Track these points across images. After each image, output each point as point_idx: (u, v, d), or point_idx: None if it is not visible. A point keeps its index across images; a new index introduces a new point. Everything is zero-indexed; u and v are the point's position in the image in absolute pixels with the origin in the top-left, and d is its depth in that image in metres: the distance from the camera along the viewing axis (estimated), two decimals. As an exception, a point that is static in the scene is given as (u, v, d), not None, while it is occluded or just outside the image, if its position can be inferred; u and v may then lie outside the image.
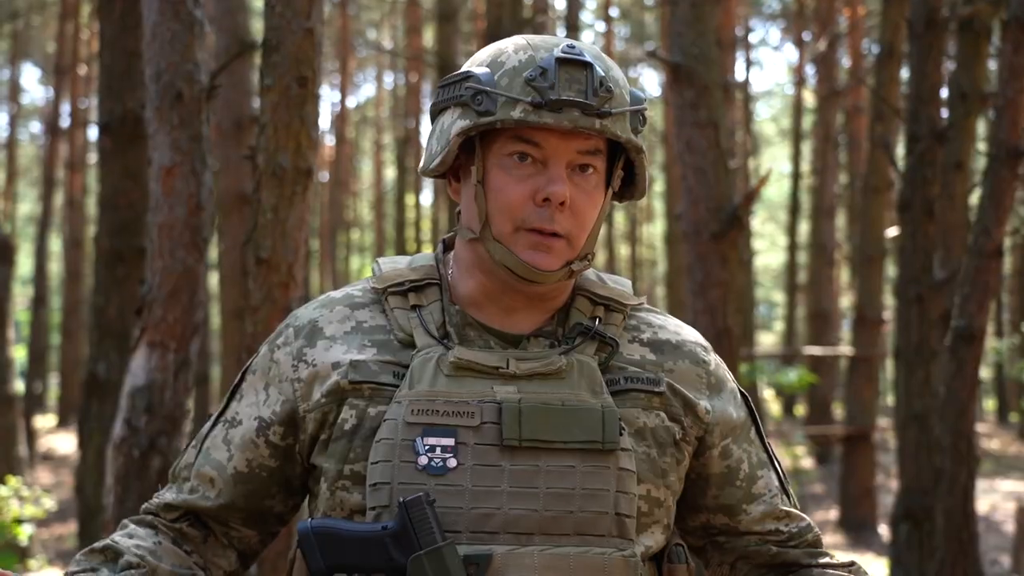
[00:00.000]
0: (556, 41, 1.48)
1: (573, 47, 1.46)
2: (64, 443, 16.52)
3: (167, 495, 1.60)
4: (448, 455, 1.43)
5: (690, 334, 1.63)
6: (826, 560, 1.63)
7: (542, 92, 1.43)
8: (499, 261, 1.49)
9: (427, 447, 1.43)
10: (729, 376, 1.64)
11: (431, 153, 1.53)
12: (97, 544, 1.53)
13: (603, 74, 1.45)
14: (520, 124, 1.44)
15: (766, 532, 1.62)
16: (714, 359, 1.62)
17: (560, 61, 1.44)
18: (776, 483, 1.63)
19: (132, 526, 1.58)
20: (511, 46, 1.50)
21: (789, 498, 1.65)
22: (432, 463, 1.43)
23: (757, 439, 1.64)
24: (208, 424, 1.62)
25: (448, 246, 1.64)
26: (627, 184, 1.59)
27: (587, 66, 1.44)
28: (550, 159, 1.47)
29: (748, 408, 1.64)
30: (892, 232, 10.17)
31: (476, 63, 1.52)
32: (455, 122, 1.48)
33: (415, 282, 1.57)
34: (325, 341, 1.54)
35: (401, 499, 1.40)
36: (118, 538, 1.54)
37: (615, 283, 1.63)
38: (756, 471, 1.61)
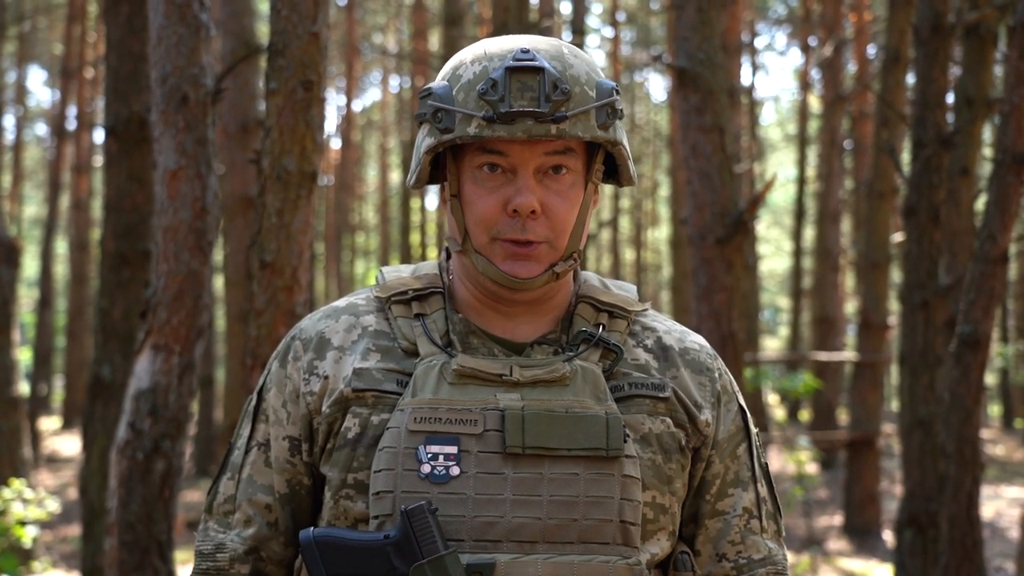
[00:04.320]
0: (512, 47, 1.46)
1: (526, 52, 1.44)
2: (68, 445, 16.53)
3: (228, 541, 1.56)
4: (451, 463, 1.43)
5: (696, 341, 1.62)
6: None
7: (494, 105, 1.42)
8: (482, 271, 1.50)
9: (430, 455, 1.43)
10: (733, 386, 1.62)
11: (411, 169, 1.55)
12: None
13: (558, 75, 1.43)
14: (477, 139, 1.43)
15: (715, 555, 1.57)
16: (719, 367, 1.61)
17: (511, 70, 1.42)
18: (748, 503, 1.58)
19: None
20: (470, 56, 1.49)
21: (762, 521, 1.59)
22: (435, 471, 1.42)
23: (745, 455, 1.59)
24: (239, 452, 1.59)
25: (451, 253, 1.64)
26: (613, 172, 1.58)
27: (539, 71, 1.42)
28: (517, 167, 1.46)
29: (744, 423, 1.61)
30: (897, 238, 10.16)
31: (441, 75, 1.52)
32: (424, 139, 1.49)
33: (418, 291, 1.57)
34: (334, 352, 1.54)
35: (403, 508, 1.39)
36: None
37: (619, 289, 1.62)
38: (728, 488, 1.58)
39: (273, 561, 1.56)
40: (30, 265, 27.86)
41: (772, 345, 32.38)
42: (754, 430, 1.63)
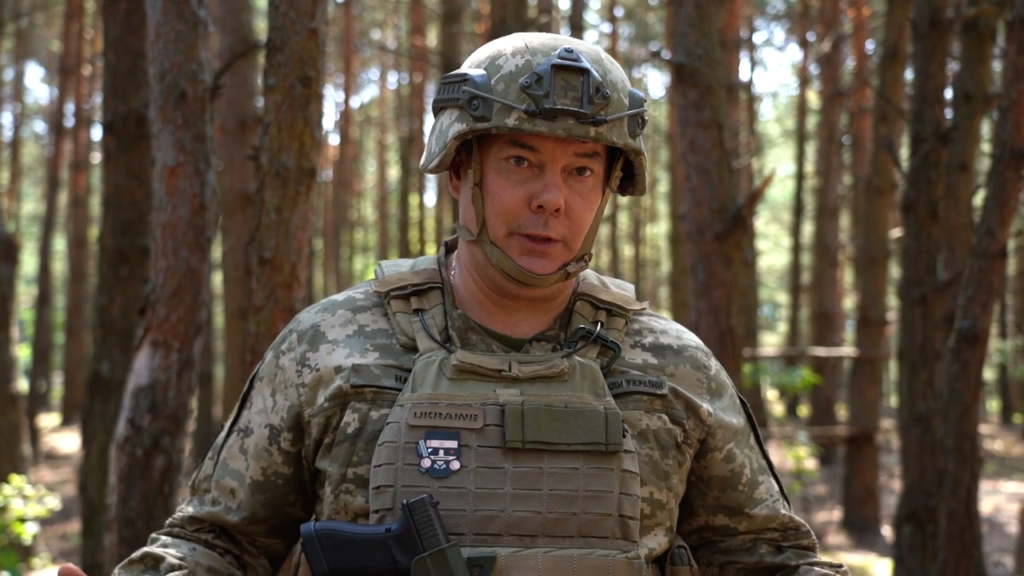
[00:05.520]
0: (554, 44, 1.47)
1: (571, 52, 1.44)
2: (68, 442, 16.53)
3: (190, 508, 1.61)
4: (451, 457, 1.43)
5: (691, 339, 1.64)
6: (814, 559, 1.64)
7: (537, 100, 1.42)
8: (495, 264, 1.49)
9: (430, 450, 1.43)
10: (729, 381, 1.65)
11: (431, 152, 1.53)
12: (134, 555, 1.54)
13: (600, 79, 1.44)
14: (515, 131, 1.44)
15: (764, 536, 1.64)
16: (714, 364, 1.63)
17: (556, 68, 1.43)
18: (776, 489, 1.65)
19: (162, 538, 1.58)
20: (509, 48, 1.49)
21: (788, 504, 1.67)
22: (435, 465, 1.43)
23: (756, 445, 1.65)
24: (223, 434, 1.62)
25: (450, 248, 1.64)
26: (627, 181, 1.59)
27: (583, 72, 1.43)
28: (546, 163, 1.46)
29: (747, 414, 1.65)
30: (896, 233, 10.17)
31: (475, 63, 1.51)
32: (452, 124, 1.48)
33: (417, 286, 1.57)
34: (328, 345, 1.54)
35: (404, 501, 1.40)
36: (154, 548, 1.55)
37: (618, 287, 1.64)
38: (758, 476, 1.63)
39: (232, 533, 1.60)
40: (29, 262, 27.86)
41: (771, 341, 32.39)
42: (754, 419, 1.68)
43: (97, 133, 18.97)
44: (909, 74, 8.53)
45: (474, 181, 1.50)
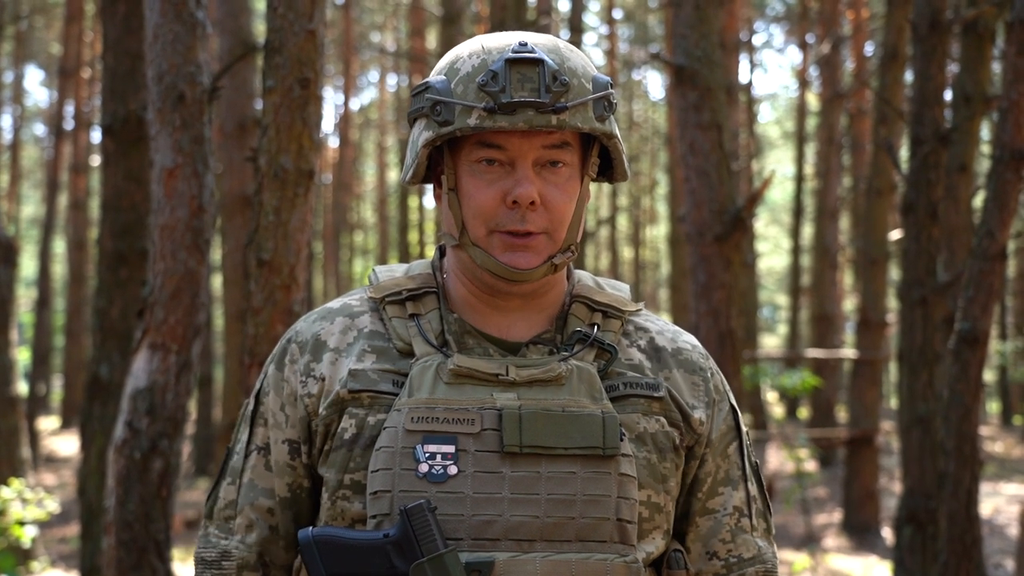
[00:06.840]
0: (509, 40, 1.48)
1: (524, 44, 1.45)
2: (67, 445, 16.53)
3: (233, 549, 1.54)
4: (448, 462, 1.42)
5: (687, 342, 1.62)
6: None
7: (494, 96, 1.42)
8: (481, 264, 1.49)
9: (427, 454, 1.42)
10: (724, 385, 1.62)
11: (407, 164, 1.54)
12: None
13: (556, 67, 1.44)
14: (477, 131, 1.44)
15: (705, 553, 1.57)
16: (711, 367, 1.62)
17: (510, 62, 1.43)
18: (738, 502, 1.58)
19: None
20: (466, 51, 1.50)
21: (752, 520, 1.59)
22: (433, 470, 1.42)
23: (735, 454, 1.60)
24: (239, 456, 1.58)
25: (445, 252, 1.63)
26: (607, 168, 1.59)
27: (539, 63, 1.43)
28: (516, 159, 1.47)
29: (735, 422, 1.61)
30: (896, 235, 10.16)
31: (436, 71, 1.52)
32: (421, 134, 1.49)
33: (412, 291, 1.56)
34: (330, 353, 1.54)
35: (402, 507, 1.39)
36: None
37: (613, 289, 1.63)
38: (718, 486, 1.58)
39: (276, 566, 1.56)
40: (28, 265, 27.85)
41: (771, 343, 32.39)
42: (744, 429, 1.63)
43: (96, 136, 18.98)
44: (909, 76, 8.52)
45: (448, 186, 1.50)
